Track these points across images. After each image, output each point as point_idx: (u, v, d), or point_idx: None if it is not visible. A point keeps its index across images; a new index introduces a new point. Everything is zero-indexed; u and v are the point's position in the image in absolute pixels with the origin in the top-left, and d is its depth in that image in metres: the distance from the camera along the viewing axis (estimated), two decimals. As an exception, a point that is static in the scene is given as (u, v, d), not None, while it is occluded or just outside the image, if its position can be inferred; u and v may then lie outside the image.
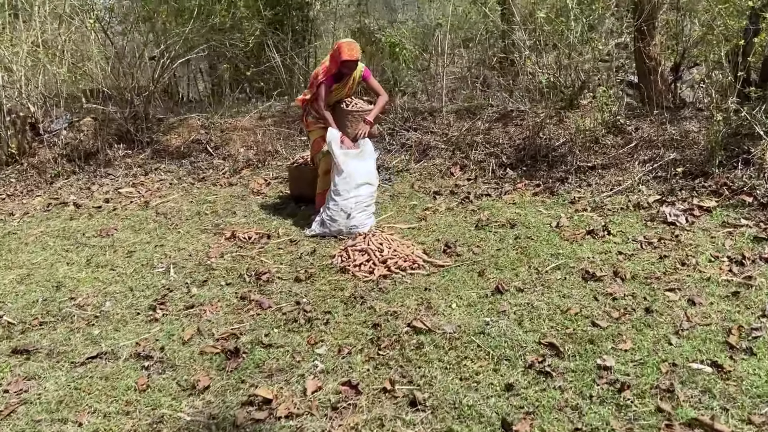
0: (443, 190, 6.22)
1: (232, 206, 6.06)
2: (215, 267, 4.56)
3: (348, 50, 5.01)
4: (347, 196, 5.03)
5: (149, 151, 7.81)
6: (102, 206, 6.30)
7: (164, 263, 4.66)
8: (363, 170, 5.10)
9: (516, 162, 6.52)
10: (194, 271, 4.50)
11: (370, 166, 5.15)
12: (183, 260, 4.74)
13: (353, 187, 5.05)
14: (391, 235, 4.74)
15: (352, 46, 5.06)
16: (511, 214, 5.36)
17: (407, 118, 7.55)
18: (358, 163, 5.06)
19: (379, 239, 4.61)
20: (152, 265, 4.65)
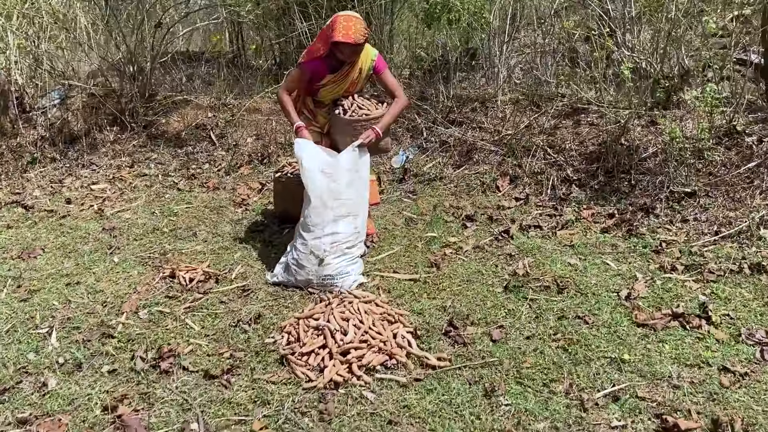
0: (479, 213, 4.58)
1: (198, 222, 4.67)
2: (115, 335, 3.18)
3: (343, 28, 3.43)
4: (319, 233, 3.50)
5: (144, 137, 6.51)
6: (56, 210, 5.05)
7: (51, 321, 3.30)
8: (346, 195, 3.53)
9: (585, 177, 4.76)
10: (84, 339, 3.21)
11: (357, 190, 3.57)
12: (84, 315, 3.42)
13: (329, 220, 3.52)
14: (370, 303, 3.16)
15: (350, 23, 3.44)
16: (563, 266, 3.70)
17: (450, 108, 5.85)
18: (338, 186, 3.50)
19: (352, 308, 3.06)
20: (36, 323, 3.30)
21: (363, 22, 3.49)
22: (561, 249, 3.97)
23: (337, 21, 3.47)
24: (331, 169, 3.52)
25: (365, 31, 3.48)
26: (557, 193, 4.79)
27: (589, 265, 3.71)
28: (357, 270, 3.62)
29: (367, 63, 3.71)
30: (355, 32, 3.43)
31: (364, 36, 3.48)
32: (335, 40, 3.45)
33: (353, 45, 3.46)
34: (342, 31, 3.41)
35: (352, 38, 3.42)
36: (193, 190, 5.50)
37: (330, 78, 3.67)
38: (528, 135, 5.36)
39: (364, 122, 3.69)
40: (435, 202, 4.90)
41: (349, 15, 3.52)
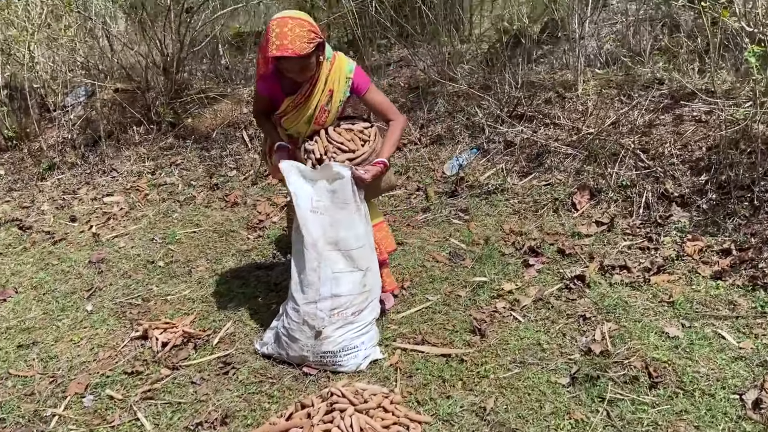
0: (548, 244, 3.53)
1: (200, 254, 3.87)
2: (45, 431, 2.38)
3: (276, 37, 2.44)
4: (313, 295, 2.57)
5: (171, 137, 5.75)
6: (54, 232, 4.37)
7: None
8: (347, 243, 2.57)
9: (690, 193, 3.59)
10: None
11: (362, 234, 2.61)
12: (18, 400, 2.70)
13: (327, 277, 2.56)
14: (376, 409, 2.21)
15: (285, 28, 2.44)
16: (659, 339, 2.65)
17: (517, 99, 4.73)
18: (336, 229, 2.55)
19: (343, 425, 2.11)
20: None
21: (307, 22, 2.49)
22: (656, 308, 2.86)
23: (269, 29, 2.48)
24: (325, 203, 2.55)
25: (312, 35, 2.47)
26: (652, 216, 3.65)
27: (696, 340, 2.61)
28: (369, 342, 2.67)
29: (341, 82, 2.72)
30: (292, 40, 2.43)
31: (310, 41, 2.48)
32: (268, 56, 2.49)
33: (295, 58, 2.45)
34: (275, 42, 2.43)
35: (290, 49, 2.43)
36: (210, 205, 4.69)
37: (288, 103, 2.70)
38: (615, 135, 4.19)
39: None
40: (492, 226, 3.85)
41: (284, 17, 2.49)
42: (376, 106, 2.80)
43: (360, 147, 2.70)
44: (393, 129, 2.80)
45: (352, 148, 2.69)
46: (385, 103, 2.82)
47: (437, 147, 4.90)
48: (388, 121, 2.82)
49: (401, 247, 3.73)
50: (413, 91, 5.47)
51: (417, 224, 4.04)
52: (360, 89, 2.74)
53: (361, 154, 2.67)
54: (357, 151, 2.69)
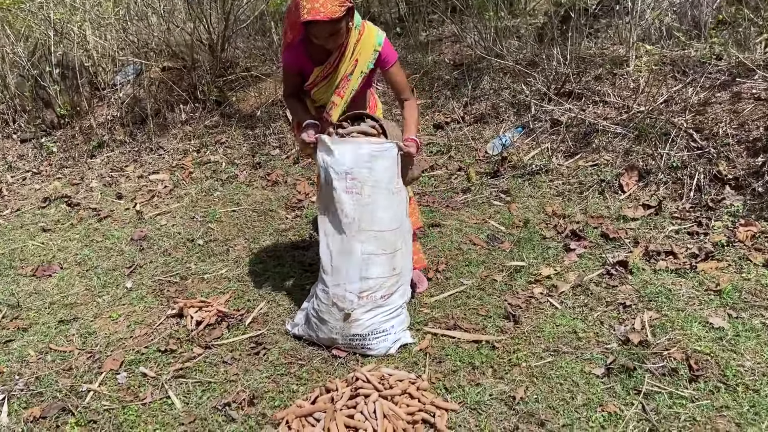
0: (591, 227, 3.41)
1: (238, 232, 3.88)
2: (76, 412, 2.44)
3: (308, 1, 2.35)
4: (342, 278, 2.54)
5: (217, 116, 5.79)
6: (100, 209, 4.47)
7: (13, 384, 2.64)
8: (380, 224, 2.53)
9: (745, 175, 3.41)
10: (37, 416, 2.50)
11: (396, 215, 2.56)
12: (55, 375, 2.76)
13: (357, 261, 2.53)
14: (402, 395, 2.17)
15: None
16: (702, 330, 2.53)
17: (566, 76, 4.56)
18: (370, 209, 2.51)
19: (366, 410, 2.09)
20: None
21: None
22: (701, 297, 2.73)
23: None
24: (359, 181, 2.50)
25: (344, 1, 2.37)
26: (703, 199, 3.48)
27: (742, 331, 2.47)
28: (399, 326, 2.62)
29: (368, 52, 2.62)
30: (324, 3, 2.34)
31: (342, 4, 2.39)
32: (302, 21, 2.39)
33: (327, 22, 2.36)
34: (307, 6, 2.33)
35: (322, 13, 2.33)
36: (252, 184, 4.71)
37: (318, 73, 2.63)
38: (667, 113, 4.00)
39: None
40: (533, 208, 3.74)
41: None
42: (397, 82, 2.71)
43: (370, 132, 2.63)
44: (411, 109, 2.72)
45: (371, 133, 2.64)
46: (404, 81, 2.74)
47: (481, 125, 4.78)
48: (402, 99, 2.74)
49: (438, 229, 3.66)
50: (458, 67, 5.35)
51: (456, 205, 3.96)
52: (387, 62, 2.66)
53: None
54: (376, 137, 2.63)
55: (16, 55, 5.95)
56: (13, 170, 5.46)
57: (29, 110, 5.95)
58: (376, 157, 2.49)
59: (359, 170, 2.48)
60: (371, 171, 2.53)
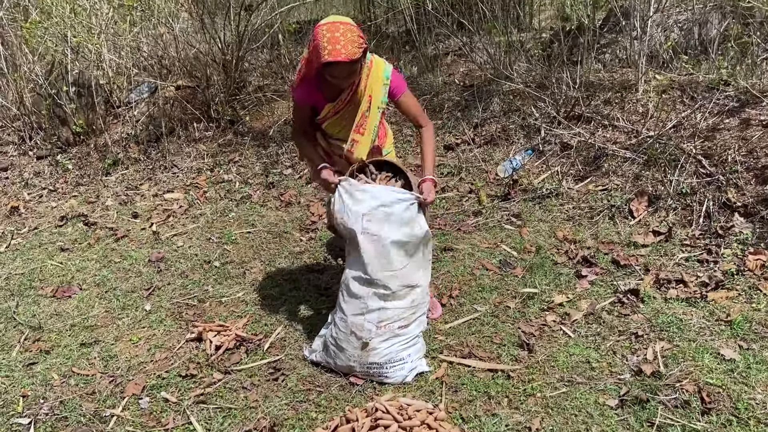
0: (602, 253, 3.47)
1: (254, 255, 3.96)
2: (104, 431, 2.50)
3: (328, 42, 2.41)
4: (361, 307, 2.61)
5: (230, 134, 5.88)
6: (117, 228, 4.55)
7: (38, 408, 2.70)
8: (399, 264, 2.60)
9: (754, 203, 3.46)
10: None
11: (414, 255, 2.63)
12: (79, 399, 2.83)
13: (382, 287, 2.59)
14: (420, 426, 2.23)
15: (337, 33, 2.41)
16: (714, 361, 2.60)
17: (575, 100, 4.63)
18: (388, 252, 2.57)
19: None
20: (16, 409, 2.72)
21: (355, 27, 2.46)
22: (712, 327, 2.78)
23: (318, 35, 2.44)
24: (378, 224, 2.57)
25: (360, 40, 2.45)
26: (713, 226, 3.53)
27: (753, 364, 2.52)
28: (415, 354, 2.69)
29: (379, 86, 2.69)
30: (345, 45, 2.41)
31: (360, 46, 2.46)
32: (323, 62, 2.44)
33: (347, 63, 2.44)
34: (327, 47, 2.40)
35: (343, 54, 2.40)
36: (266, 204, 4.78)
37: (330, 108, 2.70)
38: (676, 138, 4.06)
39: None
40: (545, 233, 3.80)
41: (334, 22, 2.45)
42: (410, 110, 2.79)
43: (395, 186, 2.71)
44: (428, 139, 2.78)
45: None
46: (417, 107, 2.81)
47: (491, 147, 4.85)
48: (418, 126, 2.82)
49: (450, 253, 3.72)
50: (468, 88, 5.42)
51: (468, 228, 4.02)
52: (396, 93, 2.73)
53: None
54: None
55: (33, 74, 6.05)
56: (29, 187, 5.54)
57: (45, 128, 6.05)
58: (394, 204, 2.56)
59: (376, 213, 2.55)
60: (388, 216, 2.59)
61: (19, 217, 5.03)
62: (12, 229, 4.77)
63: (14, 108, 6.25)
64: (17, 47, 6.24)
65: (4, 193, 5.49)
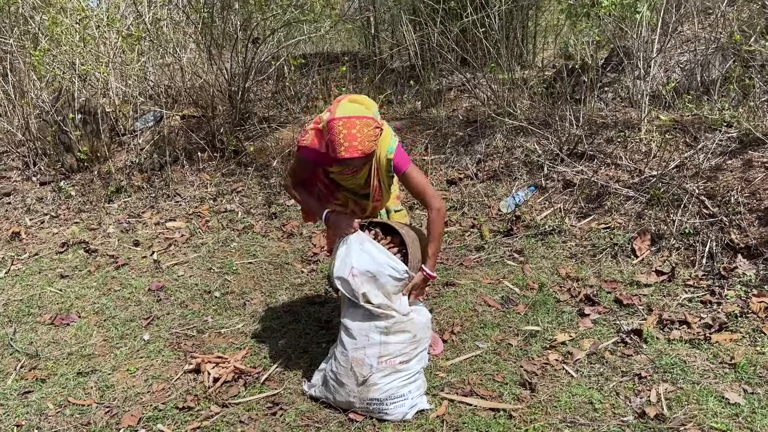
0: (605, 292, 3.46)
1: (254, 285, 3.94)
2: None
3: (345, 138, 2.38)
4: (362, 341, 2.59)
5: (234, 164, 5.90)
6: (117, 255, 4.54)
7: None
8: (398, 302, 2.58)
9: (757, 245, 3.45)
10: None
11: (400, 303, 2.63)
12: (75, 428, 2.79)
13: (378, 328, 2.57)
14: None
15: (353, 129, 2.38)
16: (718, 405, 2.56)
17: (578, 138, 4.66)
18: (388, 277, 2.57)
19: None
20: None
21: (372, 119, 2.44)
22: (716, 370, 2.75)
23: (334, 130, 2.39)
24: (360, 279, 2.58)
25: (376, 132, 2.45)
26: (716, 267, 3.52)
27: (758, 408, 2.49)
28: (416, 391, 2.65)
29: (383, 163, 2.66)
30: (362, 141, 2.39)
31: (376, 138, 2.46)
32: (339, 158, 2.43)
33: (362, 157, 2.45)
34: (344, 144, 2.38)
35: (359, 150, 2.40)
36: (268, 235, 4.78)
37: (338, 170, 2.68)
38: (679, 178, 4.07)
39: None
40: (547, 270, 3.79)
41: (350, 118, 2.39)
42: (415, 186, 2.66)
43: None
44: (433, 223, 2.65)
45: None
46: (422, 184, 2.65)
47: (494, 183, 4.86)
48: (425, 205, 2.67)
49: (452, 288, 3.71)
50: (471, 124, 5.46)
51: (470, 264, 4.01)
52: (399, 168, 2.64)
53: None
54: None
55: (40, 100, 6.09)
56: (31, 213, 5.54)
57: (50, 154, 6.07)
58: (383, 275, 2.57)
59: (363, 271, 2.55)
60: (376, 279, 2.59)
61: (20, 242, 5.02)
62: (12, 254, 4.76)
63: (19, 134, 6.29)
64: (25, 74, 6.30)
65: (6, 218, 5.48)
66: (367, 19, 7.17)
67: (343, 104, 2.50)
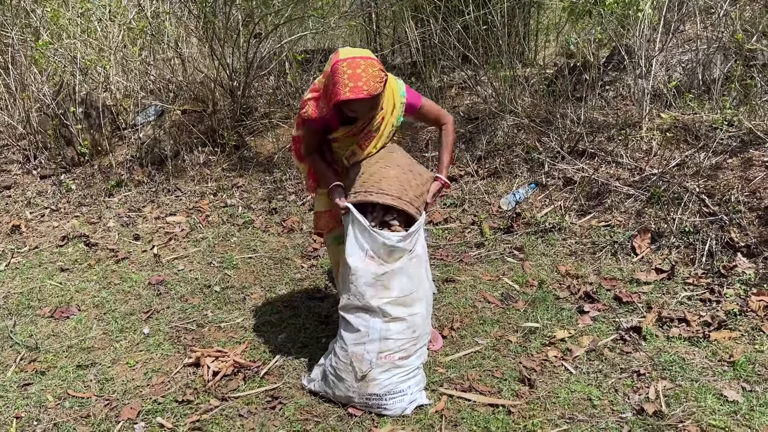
0: (604, 289, 3.46)
1: (255, 280, 3.94)
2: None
3: (349, 78, 2.34)
4: (362, 337, 2.59)
5: (235, 159, 5.90)
6: (118, 249, 4.53)
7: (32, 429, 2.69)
8: (398, 290, 2.58)
9: (757, 243, 3.46)
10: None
11: (414, 277, 2.62)
12: (74, 422, 2.79)
13: (377, 324, 2.57)
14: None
15: (358, 69, 2.36)
16: (717, 402, 2.57)
17: (579, 135, 4.66)
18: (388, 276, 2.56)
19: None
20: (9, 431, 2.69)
21: (375, 62, 2.40)
22: (715, 368, 2.76)
23: (338, 71, 2.36)
24: (382, 256, 2.56)
25: (382, 74, 2.40)
26: (715, 265, 3.53)
27: (757, 406, 2.50)
28: (415, 386, 2.66)
29: (396, 108, 2.65)
30: (367, 81, 2.36)
31: (381, 80, 2.42)
32: (341, 99, 2.38)
33: (369, 99, 2.42)
34: (349, 84, 2.33)
35: (365, 91, 2.35)
36: (268, 230, 4.78)
37: (343, 132, 2.66)
38: (679, 177, 4.08)
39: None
40: (547, 267, 3.79)
41: (354, 58, 2.37)
42: (432, 114, 2.76)
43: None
44: (450, 134, 2.78)
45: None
46: (436, 107, 2.77)
47: (494, 180, 4.87)
48: (442, 123, 2.78)
49: (452, 285, 3.71)
50: (472, 121, 5.46)
51: (470, 260, 4.01)
52: (415, 106, 2.69)
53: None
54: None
55: (41, 94, 6.09)
56: (32, 206, 5.55)
57: (51, 147, 6.07)
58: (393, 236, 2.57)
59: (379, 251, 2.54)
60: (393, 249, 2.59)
61: (20, 235, 5.02)
62: (12, 247, 4.76)
63: (20, 127, 6.29)
64: (26, 67, 6.30)
65: (7, 212, 5.48)
66: (369, 15, 7.17)
67: (345, 48, 2.45)
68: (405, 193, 2.60)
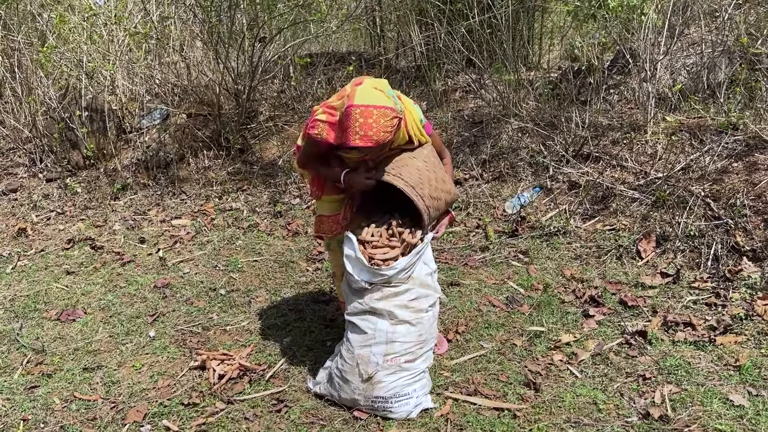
0: (609, 293, 3.46)
1: (260, 283, 3.96)
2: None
3: (360, 126, 2.32)
4: (368, 339, 2.59)
5: (239, 163, 5.92)
6: (123, 252, 4.55)
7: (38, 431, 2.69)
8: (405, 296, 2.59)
9: (763, 247, 3.45)
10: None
11: (420, 280, 2.62)
12: (80, 425, 2.76)
13: (384, 327, 2.58)
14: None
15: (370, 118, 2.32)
16: (722, 407, 2.57)
17: (584, 139, 4.66)
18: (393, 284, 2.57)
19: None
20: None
21: (390, 109, 2.36)
22: (721, 372, 2.75)
23: (351, 117, 2.32)
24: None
25: (394, 121, 2.37)
26: (721, 269, 3.52)
27: (763, 411, 2.49)
28: (421, 390, 2.66)
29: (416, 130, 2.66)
30: (377, 131, 2.33)
31: (393, 128, 2.41)
32: (350, 145, 2.36)
33: (377, 146, 2.41)
34: (359, 132, 2.31)
35: (374, 140, 2.34)
36: (273, 233, 4.79)
37: (356, 154, 2.64)
38: (684, 181, 4.07)
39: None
40: (552, 271, 3.80)
41: (368, 107, 2.32)
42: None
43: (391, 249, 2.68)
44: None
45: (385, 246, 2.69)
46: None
47: (499, 183, 4.87)
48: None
49: (457, 288, 3.72)
50: (477, 125, 5.46)
51: (475, 264, 4.02)
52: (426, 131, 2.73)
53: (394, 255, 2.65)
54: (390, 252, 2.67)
55: (47, 97, 6.12)
56: (38, 209, 5.57)
57: (56, 151, 6.10)
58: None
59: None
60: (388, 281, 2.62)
61: (26, 238, 5.04)
62: (19, 250, 4.78)
63: (26, 130, 6.32)
64: (32, 71, 6.33)
65: (13, 215, 5.51)
66: (373, 19, 7.19)
67: (363, 89, 2.41)
68: (421, 186, 2.57)
